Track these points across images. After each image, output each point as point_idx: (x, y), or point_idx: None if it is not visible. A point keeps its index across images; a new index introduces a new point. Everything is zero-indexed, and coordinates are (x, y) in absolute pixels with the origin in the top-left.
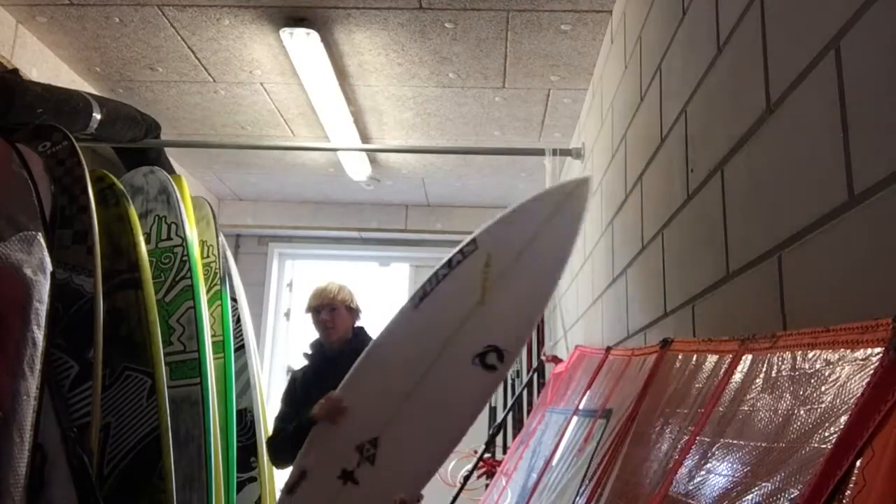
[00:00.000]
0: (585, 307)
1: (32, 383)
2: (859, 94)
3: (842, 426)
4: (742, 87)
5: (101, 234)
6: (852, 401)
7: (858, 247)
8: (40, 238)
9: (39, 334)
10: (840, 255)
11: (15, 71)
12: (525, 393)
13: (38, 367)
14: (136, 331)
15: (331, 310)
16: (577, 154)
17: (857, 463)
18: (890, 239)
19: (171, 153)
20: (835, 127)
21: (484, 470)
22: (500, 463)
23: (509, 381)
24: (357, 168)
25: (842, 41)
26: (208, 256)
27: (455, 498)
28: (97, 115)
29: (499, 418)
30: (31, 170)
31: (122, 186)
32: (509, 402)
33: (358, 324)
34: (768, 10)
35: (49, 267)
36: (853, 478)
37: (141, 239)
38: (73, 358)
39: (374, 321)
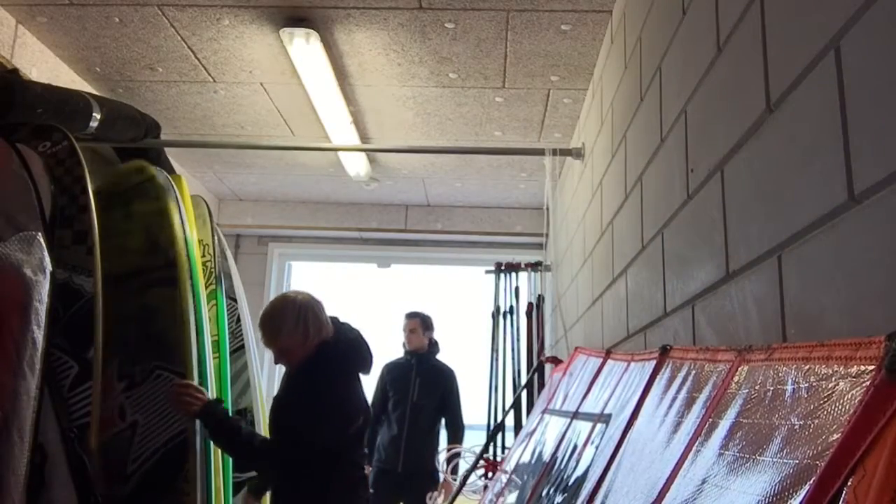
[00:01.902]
0: (585, 307)
1: (32, 383)
2: (859, 94)
3: (833, 444)
4: (742, 87)
5: (139, 227)
6: (844, 418)
7: (858, 247)
8: (40, 238)
9: (39, 334)
10: (840, 255)
11: (15, 71)
12: (525, 393)
13: (38, 367)
14: (171, 330)
15: None
16: (577, 154)
17: (850, 482)
18: (890, 239)
19: (171, 153)
20: (835, 127)
21: (484, 470)
22: (500, 463)
23: (510, 382)
24: (357, 168)
25: (842, 41)
26: (204, 255)
27: (454, 497)
28: (97, 115)
29: (499, 418)
30: (31, 170)
31: (162, 180)
32: (509, 403)
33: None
34: (768, 10)
35: (49, 267)
36: (845, 496)
37: (179, 236)
38: (73, 358)
39: (373, 322)
